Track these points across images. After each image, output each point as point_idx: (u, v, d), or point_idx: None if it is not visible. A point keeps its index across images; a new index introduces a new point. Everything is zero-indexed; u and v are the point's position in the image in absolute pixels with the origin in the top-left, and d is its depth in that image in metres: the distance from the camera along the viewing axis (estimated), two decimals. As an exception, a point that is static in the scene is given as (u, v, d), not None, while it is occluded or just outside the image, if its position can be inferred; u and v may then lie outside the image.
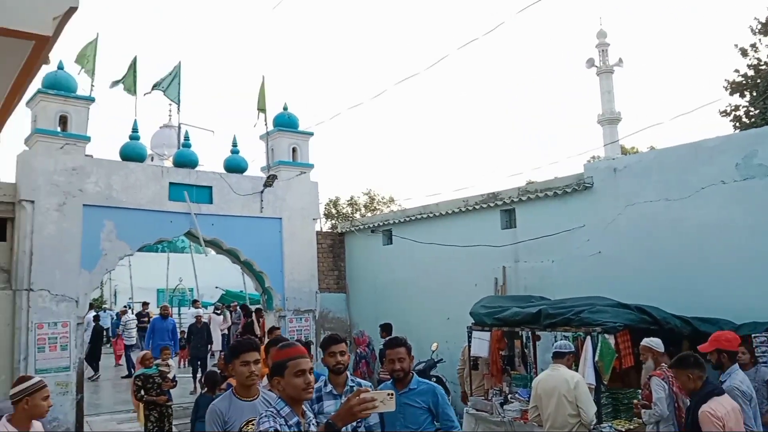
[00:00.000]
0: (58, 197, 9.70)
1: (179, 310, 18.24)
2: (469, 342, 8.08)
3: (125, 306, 19.29)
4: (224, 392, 5.02)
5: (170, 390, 8.47)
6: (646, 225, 8.14)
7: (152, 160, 20.37)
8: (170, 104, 13.05)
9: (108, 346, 19.07)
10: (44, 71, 9.76)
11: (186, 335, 13.68)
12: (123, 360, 16.37)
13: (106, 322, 20.53)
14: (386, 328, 9.93)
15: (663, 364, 5.71)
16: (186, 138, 12.05)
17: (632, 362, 6.53)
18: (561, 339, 6.54)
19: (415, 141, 72.79)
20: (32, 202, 9.51)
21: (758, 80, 16.22)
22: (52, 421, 8.74)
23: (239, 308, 16.90)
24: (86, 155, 10.14)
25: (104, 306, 18.75)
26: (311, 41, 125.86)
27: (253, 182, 11.85)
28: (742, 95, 16.73)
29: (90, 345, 14.36)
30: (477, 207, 10.37)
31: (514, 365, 8.03)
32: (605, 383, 6.24)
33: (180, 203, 10.91)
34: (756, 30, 16.67)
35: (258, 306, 13.18)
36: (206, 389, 7.42)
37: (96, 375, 15.18)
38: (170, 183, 10.89)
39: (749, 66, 16.66)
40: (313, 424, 3.13)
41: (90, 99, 10.28)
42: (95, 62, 10.49)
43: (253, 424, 3.63)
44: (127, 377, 15.48)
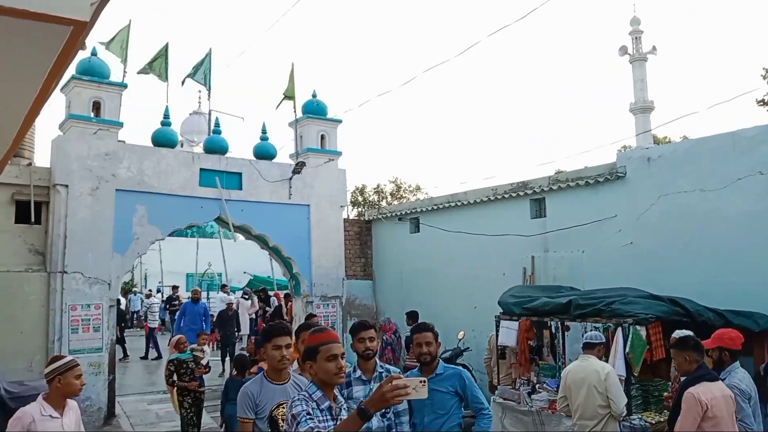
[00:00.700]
0: (92, 182, 9.87)
1: (208, 295, 18.46)
2: (497, 331, 8.05)
3: (149, 289, 19.59)
4: (254, 375, 5.09)
5: (202, 375, 8.38)
6: (681, 216, 7.99)
7: (182, 147, 20.58)
8: (199, 91, 13.22)
9: (139, 330, 19.41)
10: (78, 58, 9.90)
11: (216, 321, 13.83)
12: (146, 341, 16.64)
13: (137, 305, 20.94)
14: (413, 316, 9.95)
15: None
16: (216, 124, 12.15)
17: (663, 354, 6.43)
18: (591, 330, 6.47)
19: (444, 129, 72.40)
20: (66, 187, 9.70)
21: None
22: (85, 401, 8.94)
23: (259, 293, 17.12)
24: (119, 141, 10.30)
25: (135, 289, 19.08)
26: (341, 29, 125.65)
27: (282, 169, 11.92)
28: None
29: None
30: (506, 196, 10.28)
31: (542, 355, 7.98)
32: (636, 375, 6.17)
33: (210, 189, 11.03)
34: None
35: (286, 291, 13.30)
36: (236, 372, 7.53)
37: (125, 357, 15.50)
38: (201, 169, 11.01)
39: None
40: (345, 409, 3.14)
41: (123, 85, 10.41)
42: (128, 49, 10.61)
43: (284, 407, 3.68)
44: (144, 358, 15.79)
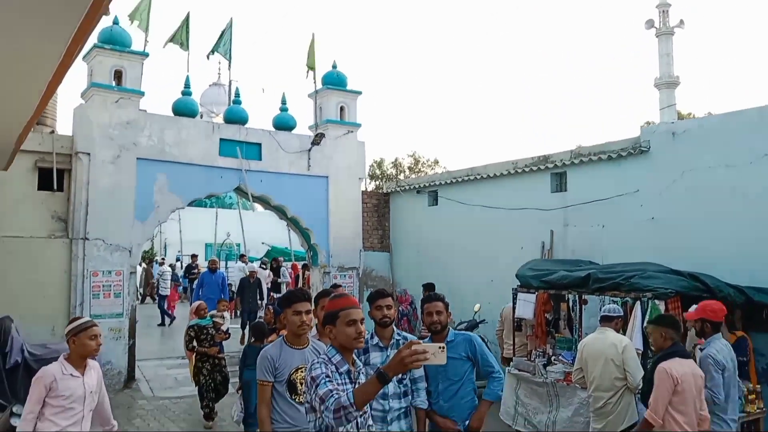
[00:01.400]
0: (113, 150, 9.97)
1: (226, 264, 18.64)
2: (514, 304, 8.06)
3: (162, 257, 19.79)
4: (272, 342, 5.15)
5: (222, 342, 8.42)
6: (704, 191, 7.87)
7: (201, 118, 20.68)
8: (219, 63, 13.20)
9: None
10: (100, 26, 9.93)
11: (237, 289, 13.96)
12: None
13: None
14: (429, 288, 9.95)
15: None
16: (236, 94, 12.15)
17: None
18: (609, 303, 6.45)
19: (464, 103, 71.72)
20: (88, 155, 9.81)
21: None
22: (106, 364, 9.13)
23: (271, 263, 17.23)
24: (140, 110, 10.35)
25: (156, 258, 19.35)
26: (362, 1, 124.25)
27: (301, 140, 11.93)
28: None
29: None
30: (526, 170, 10.20)
31: (559, 328, 7.98)
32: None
33: (230, 159, 11.08)
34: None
35: (304, 262, 13.39)
36: (254, 339, 7.63)
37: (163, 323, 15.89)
38: (221, 139, 11.06)
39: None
40: (363, 373, 3.18)
41: (144, 54, 10.43)
42: (149, 18, 10.60)
43: (303, 372, 3.74)
44: (161, 325, 15.97)
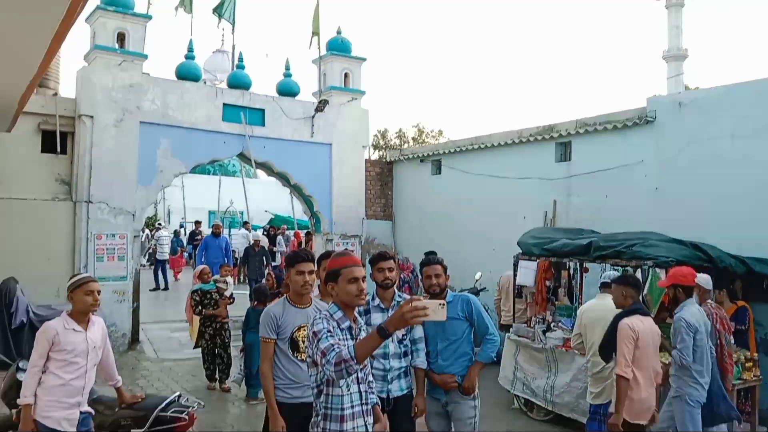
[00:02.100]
0: (116, 113, 9.94)
1: (229, 232, 18.69)
2: (515, 271, 8.10)
3: (159, 222, 19.74)
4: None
5: (227, 306, 8.26)
6: (710, 162, 7.84)
7: (204, 84, 20.59)
8: (222, 29, 13.05)
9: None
10: (103, -13, 9.84)
11: (242, 257, 14.03)
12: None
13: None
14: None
15: (709, 302, 5.63)
16: (240, 59, 12.06)
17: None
18: (610, 270, 6.47)
19: (469, 74, 71.07)
20: (91, 117, 9.79)
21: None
22: (110, 327, 9.13)
23: (267, 230, 17.23)
24: (143, 73, 10.29)
25: (159, 224, 19.36)
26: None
27: (305, 107, 11.87)
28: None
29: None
30: (531, 139, 10.15)
31: (558, 296, 8.03)
32: (651, 317, 6.19)
33: (233, 124, 11.04)
34: None
35: (307, 230, 13.43)
36: (256, 302, 7.70)
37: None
38: (224, 104, 11.00)
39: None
40: (364, 330, 3.22)
41: (147, 17, 10.33)
42: (152, -21, 10.47)
43: (305, 330, 3.78)
44: (155, 290, 15.82)
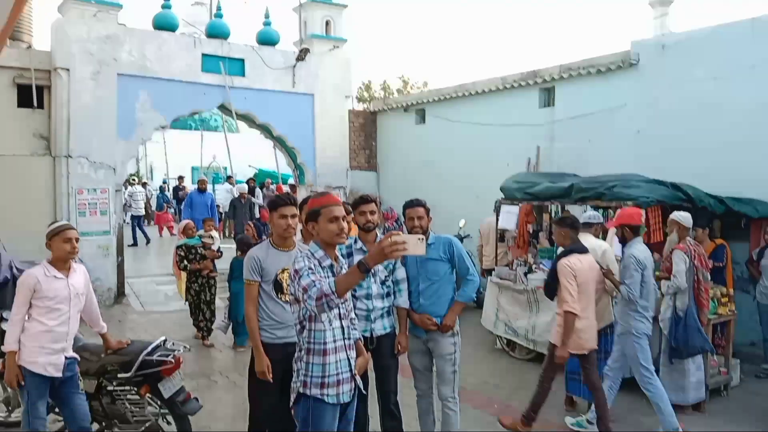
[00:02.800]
0: (93, 65, 9.73)
1: (213, 187, 18.58)
2: (497, 216, 8.16)
3: (132, 178, 19.39)
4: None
5: (214, 260, 8.18)
6: (692, 104, 7.87)
7: (182, 35, 20.16)
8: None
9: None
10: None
11: (229, 210, 13.94)
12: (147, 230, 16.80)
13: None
14: (415, 204, 10.03)
15: (688, 239, 5.72)
16: (218, 8, 11.78)
17: (661, 238, 6.52)
18: (591, 211, 6.53)
19: (452, 20, 69.80)
20: (68, 70, 9.59)
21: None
22: (95, 281, 9.06)
23: (246, 183, 17.16)
24: (119, 24, 10.03)
25: (133, 179, 19.05)
26: None
27: (286, 56, 11.66)
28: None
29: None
30: (515, 85, 10.09)
31: (540, 239, 8.11)
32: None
33: (213, 75, 10.85)
34: None
35: (291, 182, 13.39)
36: (239, 252, 7.69)
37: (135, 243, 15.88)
38: (203, 54, 10.77)
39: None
40: (345, 268, 3.24)
41: (121, -35, 10.01)
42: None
43: (288, 272, 3.80)
44: (133, 245, 15.61)
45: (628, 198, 6.16)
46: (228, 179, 18.61)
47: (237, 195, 13.98)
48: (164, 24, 10.71)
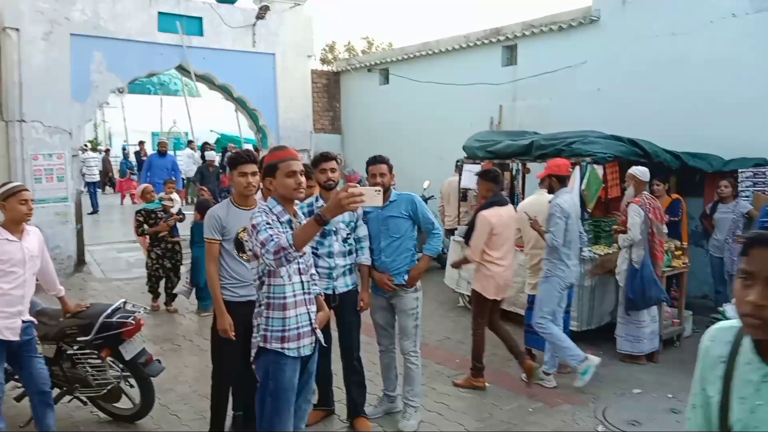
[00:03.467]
0: (44, 25, 9.36)
1: (174, 153, 18.23)
2: (460, 176, 8.20)
3: (85, 144, 18.86)
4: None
5: (177, 224, 7.81)
6: (650, 61, 7.95)
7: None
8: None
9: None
10: None
11: (197, 177, 13.70)
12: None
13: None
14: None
15: (644, 193, 5.82)
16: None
17: (618, 193, 6.66)
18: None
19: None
20: (17, 30, 9.20)
21: None
22: (54, 249, 8.96)
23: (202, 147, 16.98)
24: (70, -20, 9.63)
25: (99, 148, 18.65)
26: None
27: (245, 14, 11.36)
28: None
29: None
30: (478, 43, 10.05)
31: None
32: (589, 211, 6.41)
33: (170, 35, 10.53)
34: None
35: (254, 146, 13.18)
36: (199, 216, 7.46)
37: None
38: (159, 12, 10.42)
39: None
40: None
41: None
42: None
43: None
44: (92, 213, 15.51)
45: (587, 154, 6.23)
46: (189, 144, 18.26)
47: (203, 163, 13.79)
48: (117, -20, 10.32)
